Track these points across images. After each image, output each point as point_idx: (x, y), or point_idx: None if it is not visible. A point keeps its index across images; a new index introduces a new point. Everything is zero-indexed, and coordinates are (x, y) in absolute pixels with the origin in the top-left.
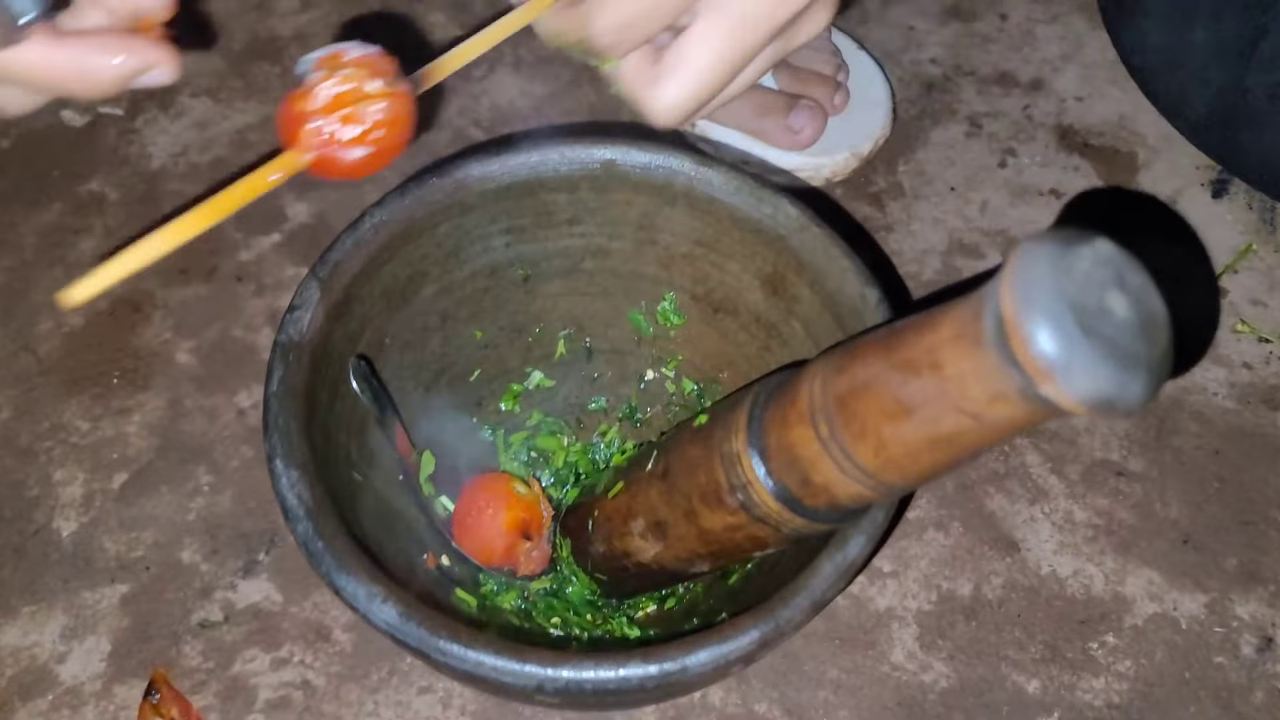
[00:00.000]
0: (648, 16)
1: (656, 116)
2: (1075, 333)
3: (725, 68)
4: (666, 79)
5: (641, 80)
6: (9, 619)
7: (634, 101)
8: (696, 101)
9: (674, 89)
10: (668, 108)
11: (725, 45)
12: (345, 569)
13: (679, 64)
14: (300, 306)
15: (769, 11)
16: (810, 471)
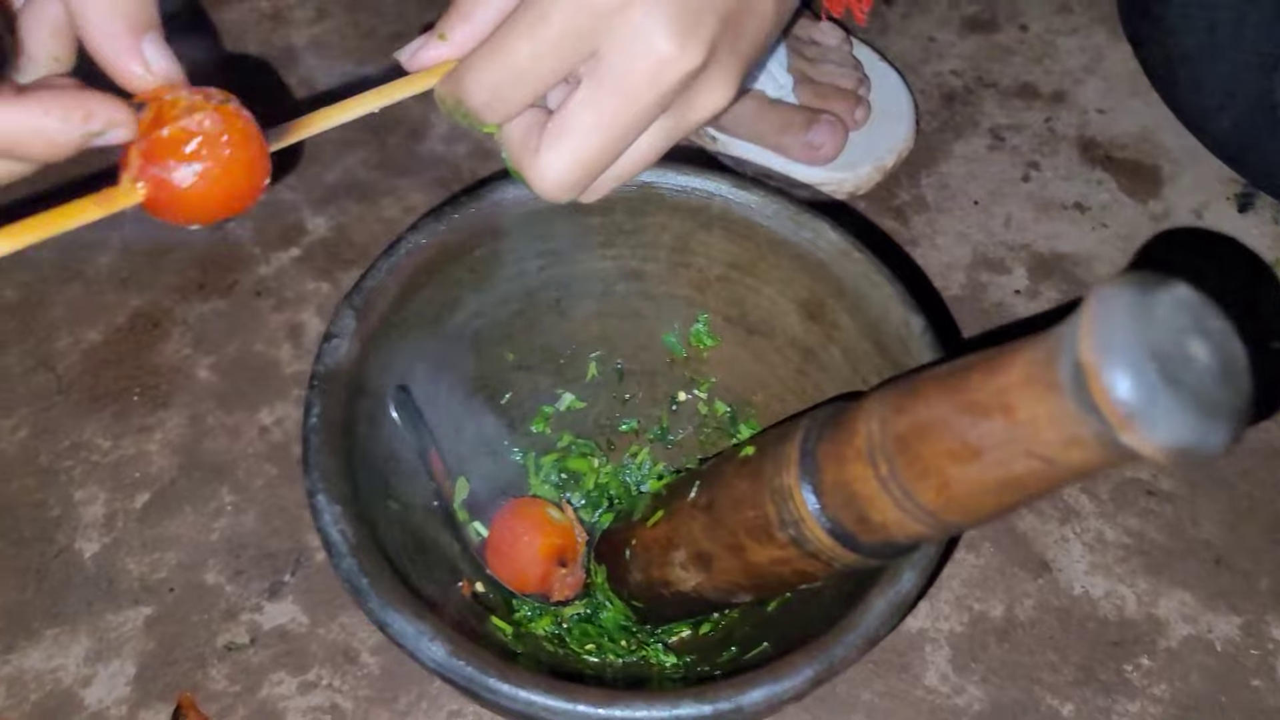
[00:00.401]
0: (519, 80)
1: (540, 187)
2: (1157, 381)
3: (610, 138)
4: (548, 149)
5: (525, 149)
6: (32, 642)
7: (518, 171)
8: (583, 172)
9: (557, 161)
10: (552, 180)
11: (609, 113)
12: (391, 606)
13: (561, 134)
14: (337, 335)
15: (651, 77)
16: (868, 509)
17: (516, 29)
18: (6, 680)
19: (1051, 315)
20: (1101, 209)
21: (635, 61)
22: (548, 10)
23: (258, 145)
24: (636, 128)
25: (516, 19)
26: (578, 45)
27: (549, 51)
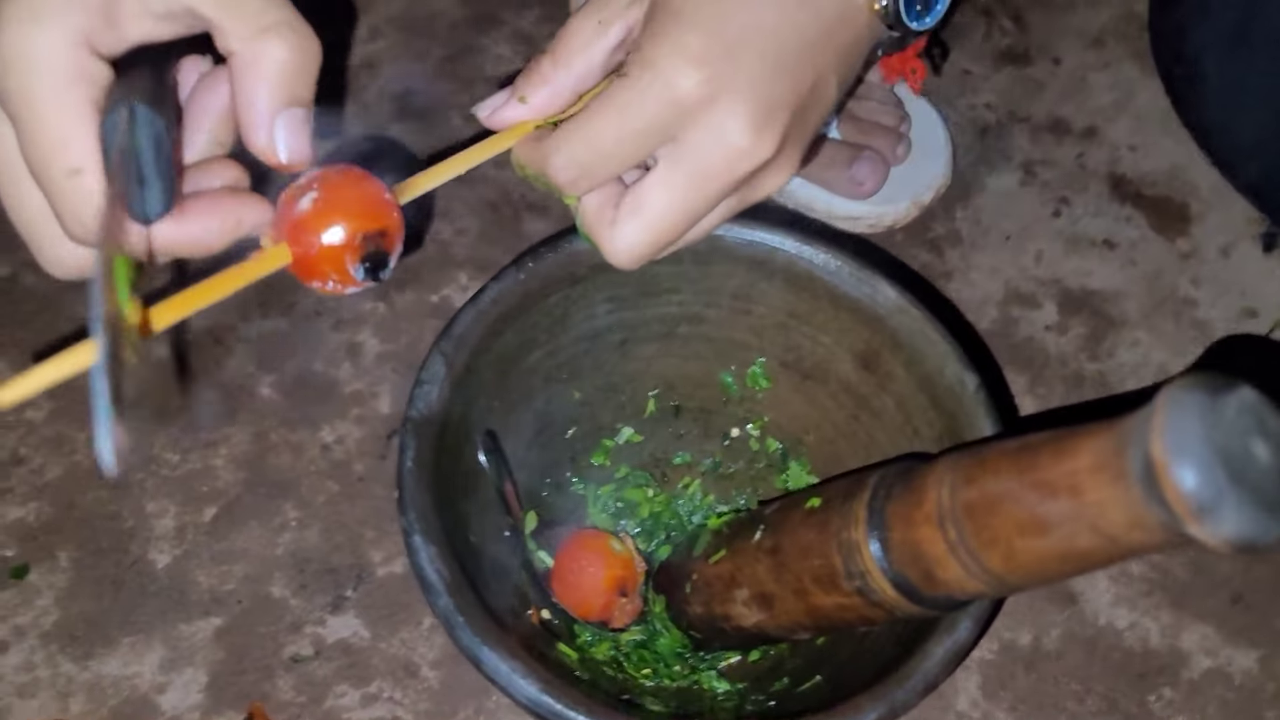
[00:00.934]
0: (604, 161)
1: (613, 258)
2: (1224, 480)
3: (682, 217)
4: (624, 223)
5: (600, 221)
6: (110, 649)
7: (593, 240)
8: (653, 247)
9: (630, 234)
10: (624, 251)
11: (682, 196)
12: (486, 644)
13: (636, 210)
14: (428, 381)
15: (726, 167)
16: (934, 568)
17: (605, 113)
18: (86, 686)
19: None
20: (1130, 246)
21: (713, 152)
22: (637, 100)
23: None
24: (707, 209)
25: (606, 104)
26: (662, 134)
27: (633, 138)
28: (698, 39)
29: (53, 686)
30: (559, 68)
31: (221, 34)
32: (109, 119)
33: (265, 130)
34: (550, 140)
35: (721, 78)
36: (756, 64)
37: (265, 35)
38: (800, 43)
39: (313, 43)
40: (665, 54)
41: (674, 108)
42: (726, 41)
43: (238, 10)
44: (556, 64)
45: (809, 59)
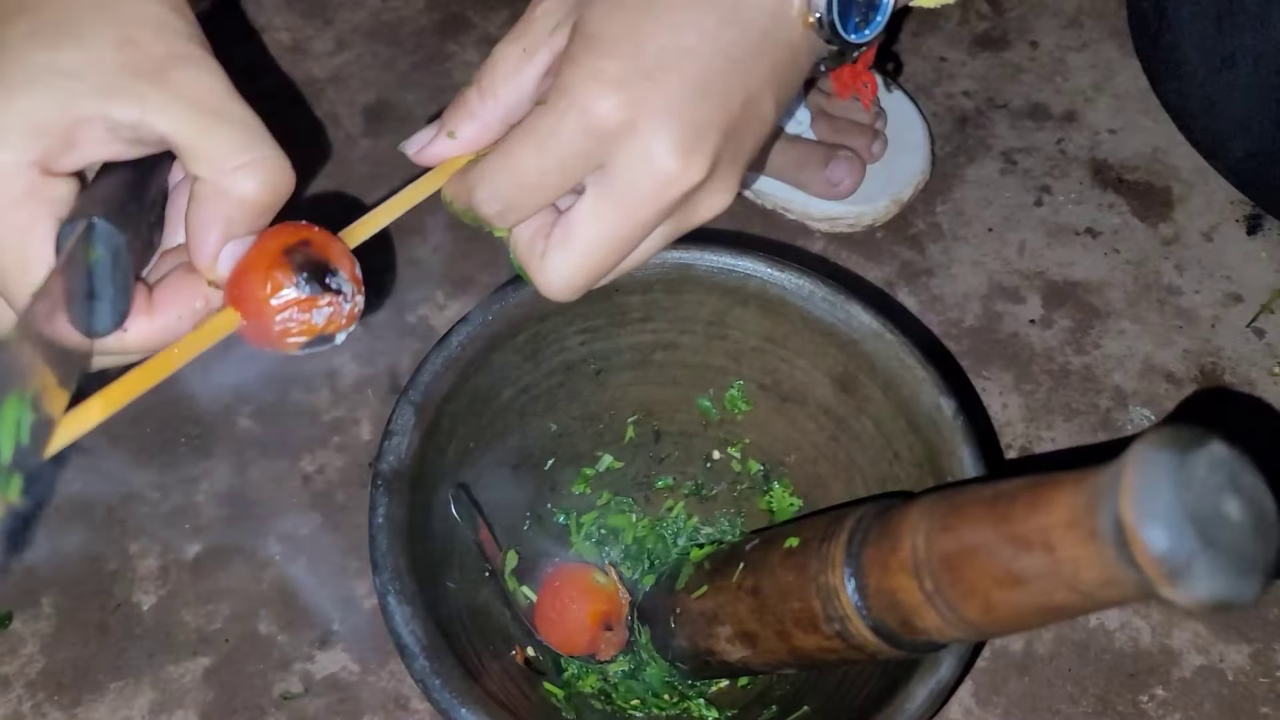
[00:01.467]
0: (529, 193)
1: (546, 290)
2: (1195, 543)
3: (614, 246)
4: (554, 254)
5: (531, 253)
6: (98, 695)
7: (525, 273)
8: (587, 278)
9: (561, 266)
10: (556, 283)
11: (612, 225)
12: (464, 703)
13: (566, 241)
14: (397, 433)
15: (656, 193)
16: (912, 617)
17: (525, 143)
18: None
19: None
20: (1113, 233)
21: (641, 179)
22: (555, 128)
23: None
24: (639, 237)
25: (524, 134)
26: (585, 162)
27: (556, 168)
28: (614, 63)
29: None
30: (486, 100)
31: (194, 161)
32: (63, 230)
33: (210, 256)
34: (473, 174)
35: (641, 102)
36: (678, 86)
37: (238, 172)
38: (727, 62)
39: (285, 177)
40: (581, 80)
41: (594, 134)
42: (645, 65)
43: (215, 142)
44: (483, 96)
45: (738, 78)
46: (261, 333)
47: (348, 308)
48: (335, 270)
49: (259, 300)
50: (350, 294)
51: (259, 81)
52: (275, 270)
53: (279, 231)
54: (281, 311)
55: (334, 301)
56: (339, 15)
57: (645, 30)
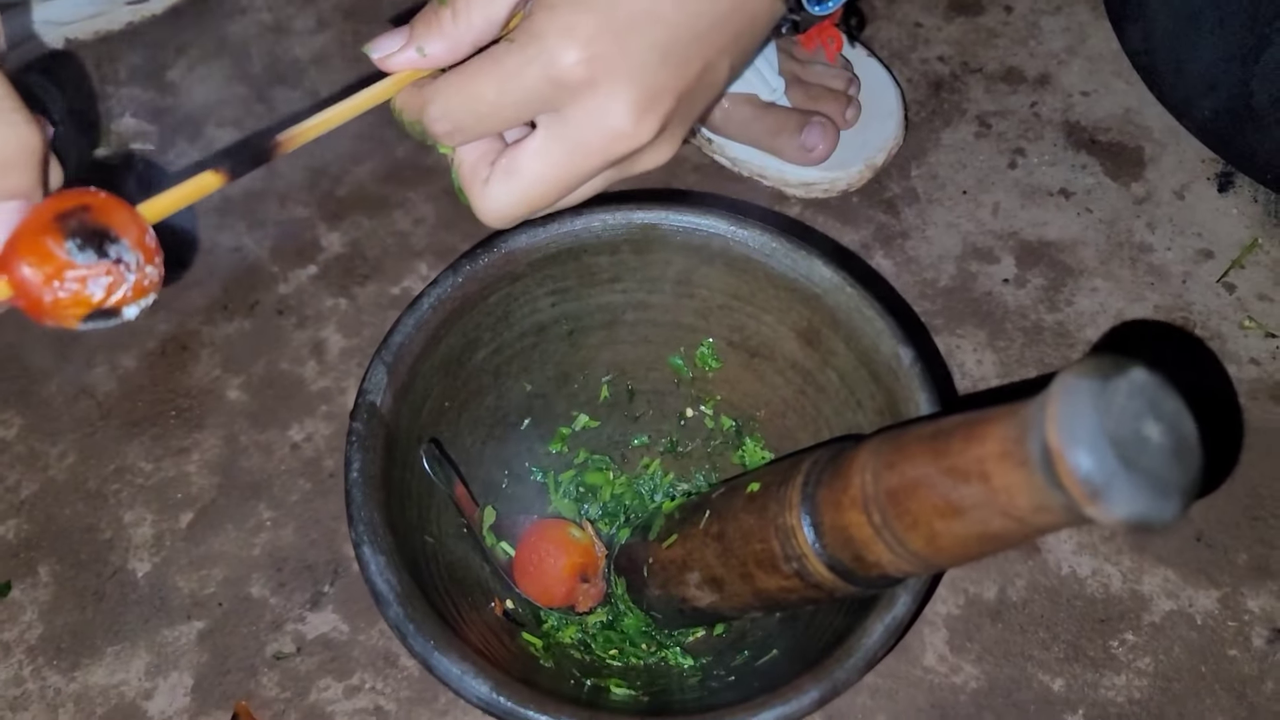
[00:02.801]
0: (480, 121)
1: (483, 215)
2: (1115, 464)
3: (555, 187)
4: (497, 183)
5: (474, 177)
6: (95, 659)
7: (464, 194)
8: (524, 209)
9: (502, 195)
10: (494, 211)
11: (557, 167)
12: (438, 648)
13: (511, 173)
14: (371, 391)
15: (604, 146)
16: (863, 551)
17: (487, 76)
18: (74, 696)
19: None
20: (1086, 193)
21: (593, 131)
22: (519, 69)
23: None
24: (581, 182)
25: (488, 65)
26: (542, 105)
27: (513, 104)
28: (588, 19)
29: (42, 699)
30: (459, 21)
31: None
32: None
33: None
34: (429, 89)
35: (607, 61)
36: (645, 51)
37: None
38: (693, 31)
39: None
40: (554, 30)
41: (555, 84)
42: (617, 26)
43: None
44: (456, 17)
45: (700, 46)
46: (34, 304)
47: (132, 279)
48: (116, 238)
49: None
50: (136, 264)
51: (243, 63)
52: (44, 236)
53: (59, 197)
54: (52, 281)
55: (114, 271)
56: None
57: (659, 10)
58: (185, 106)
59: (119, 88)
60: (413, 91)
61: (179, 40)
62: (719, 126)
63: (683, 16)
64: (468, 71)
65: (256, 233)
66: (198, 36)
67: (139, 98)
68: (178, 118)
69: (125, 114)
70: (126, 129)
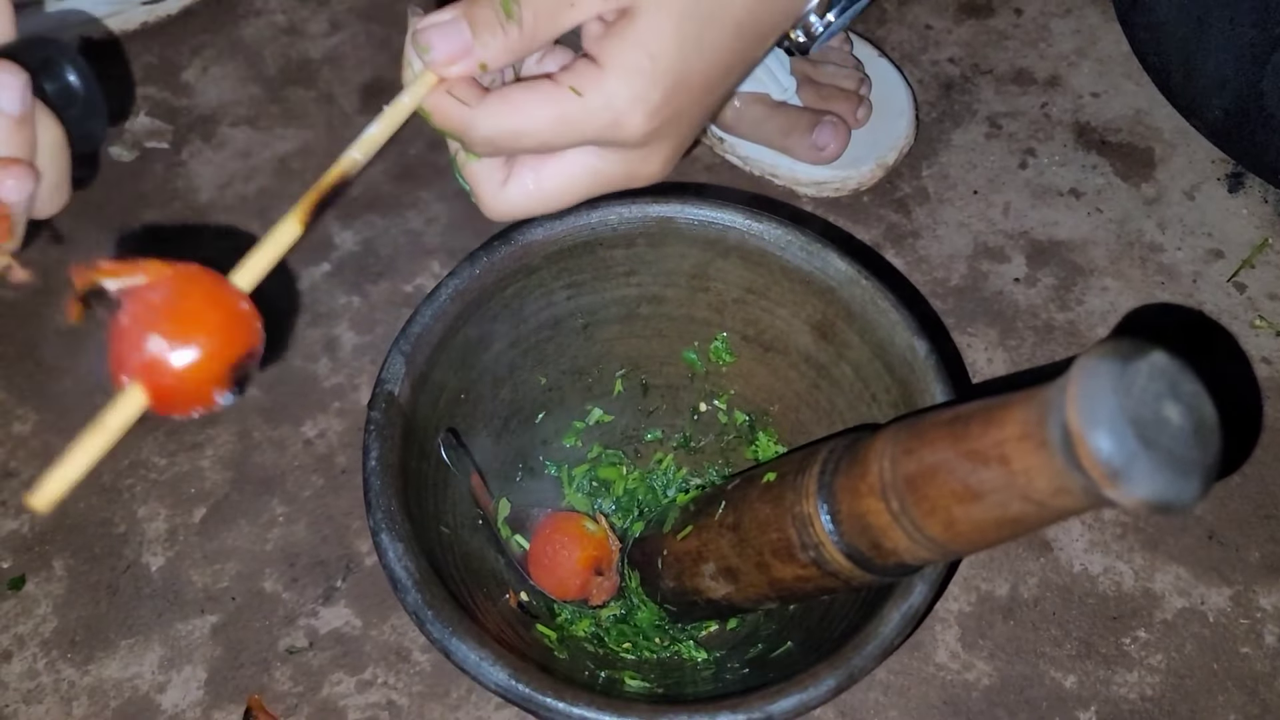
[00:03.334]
0: (523, 147)
1: (490, 211)
2: (1135, 445)
3: (569, 202)
4: (516, 187)
5: (490, 177)
6: (109, 653)
7: (472, 190)
8: (532, 214)
9: (520, 200)
10: (505, 211)
11: (581, 190)
12: (456, 635)
13: (537, 183)
14: (389, 381)
15: (627, 182)
16: (881, 538)
17: (545, 118)
18: (88, 690)
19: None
20: (1096, 193)
21: (624, 174)
22: (580, 122)
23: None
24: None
25: (548, 107)
26: (587, 143)
27: (563, 143)
28: (658, 93)
29: (56, 692)
30: (525, 39)
31: None
32: None
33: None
34: (480, 113)
35: (664, 129)
36: (695, 115)
37: None
38: (728, 88)
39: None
40: (626, 99)
41: (610, 140)
42: (681, 99)
43: None
44: (524, 34)
45: (726, 97)
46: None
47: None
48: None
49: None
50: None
51: (257, 64)
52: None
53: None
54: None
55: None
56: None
57: (692, 63)
58: (200, 106)
59: (134, 87)
60: (456, 105)
61: (194, 40)
62: (731, 125)
63: (734, 81)
64: (523, 107)
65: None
66: (212, 37)
67: (154, 97)
68: (192, 117)
69: (140, 113)
70: (141, 128)
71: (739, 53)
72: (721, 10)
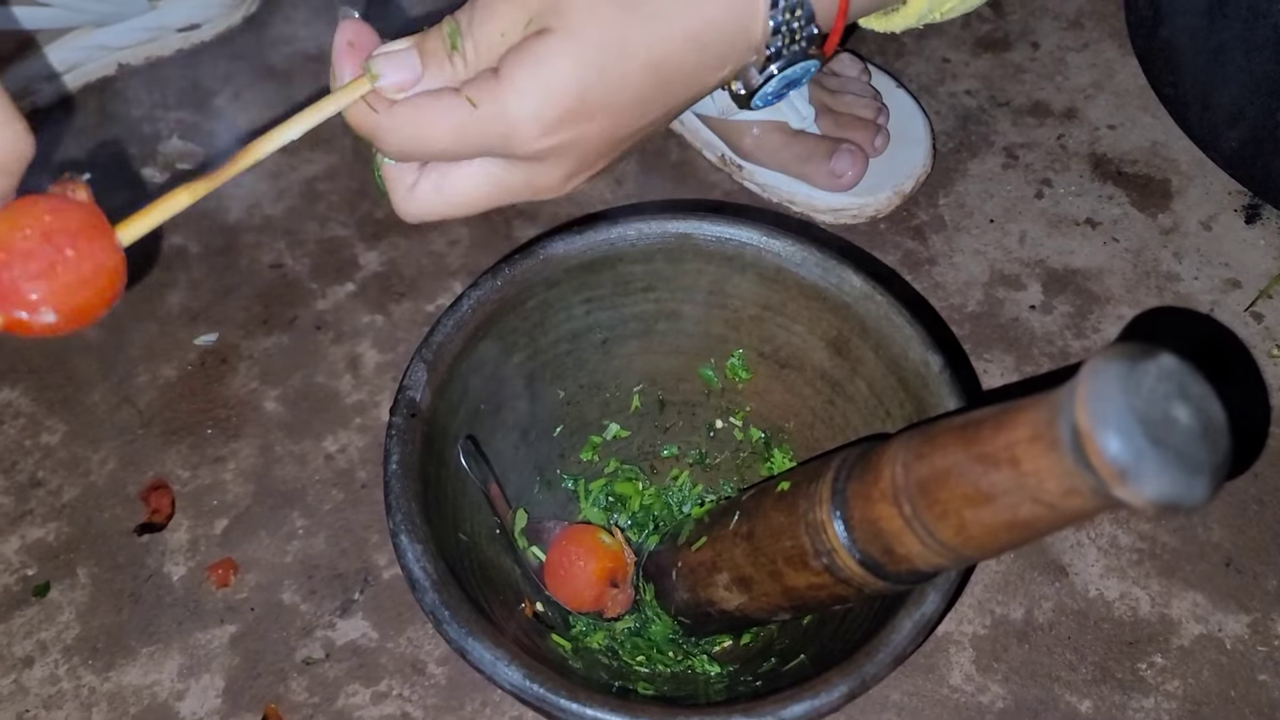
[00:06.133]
0: (427, 154)
1: (401, 213)
2: (1144, 444)
3: (474, 209)
4: (424, 192)
5: (401, 181)
6: (130, 660)
7: (386, 190)
8: (438, 219)
9: (424, 204)
10: (412, 214)
11: (484, 199)
12: (472, 635)
13: (441, 188)
14: (411, 388)
15: (530, 195)
16: (893, 544)
17: (444, 125)
18: (109, 696)
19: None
20: (1112, 223)
21: (524, 186)
22: (477, 133)
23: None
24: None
25: (449, 117)
26: (487, 154)
27: (464, 152)
28: (555, 111)
29: (77, 698)
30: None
31: None
32: None
33: None
34: (386, 119)
35: (561, 147)
36: (596, 140)
37: None
38: (643, 124)
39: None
40: (523, 115)
41: (507, 150)
42: (579, 118)
43: None
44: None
45: (643, 133)
46: None
47: None
48: None
49: None
50: None
51: (287, 89)
52: None
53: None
54: None
55: None
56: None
57: (594, 91)
58: (231, 130)
59: (167, 111)
60: (368, 113)
61: (227, 67)
62: (750, 153)
63: (647, 116)
64: (427, 115)
65: (296, 251)
66: (245, 63)
67: (186, 120)
68: (223, 141)
69: (173, 136)
70: (173, 150)
71: (656, 90)
72: (637, 47)
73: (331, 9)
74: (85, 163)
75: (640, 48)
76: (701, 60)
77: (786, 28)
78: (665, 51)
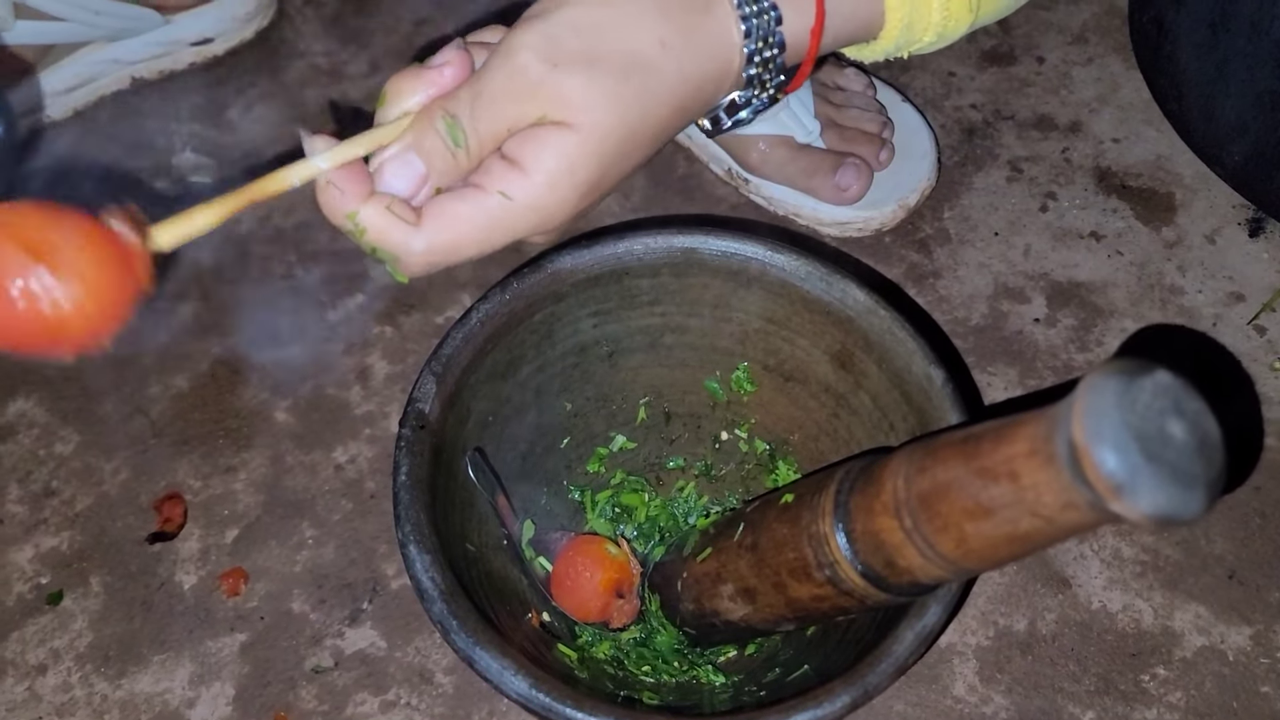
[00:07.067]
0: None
1: (404, 269)
2: (1139, 459)
3: (468, 255)
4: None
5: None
6: (141, 668)
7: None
8: (437, 264)
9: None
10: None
11: (478, 240)
12: (479, 644)
13: (440, 232)
14: (420, 400)
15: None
16: (895, 556)
17: (473, 232)
18: (120, 703)
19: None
20: (1117, 236)
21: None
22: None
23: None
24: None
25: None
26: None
27: (492, 247)
28: (580, 195)
29: (89, 705)
30: (473, 163)
31: None
32: None
33: None
34: (415, 236)
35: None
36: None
37: None
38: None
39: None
40: (553, 202)
41: (534, 232)
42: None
43: None
44: (471, 161)
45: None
46: None
47: None
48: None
49: None
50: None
51: (299, 103)
52: None
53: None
54: None
55: None
56: (373, 40)
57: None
58: (242, 144)
59: (180, 124)
60: (390, 223)
61: (239, 81)
62: (756, 167)
63: (619, 176)
64: (454, 230)
65: (307, 263)
66: (257, 78)
67: (199, 134)
68: (235, 154)
69: (186, 149)
70: (186, 163)
71: (650, 150)
72: (642, 127)
73: (342, 20)
74: (99, 175)
75: (644, 127)
76: (685, 119)
77: (758, 79)
78: (661, 123)
